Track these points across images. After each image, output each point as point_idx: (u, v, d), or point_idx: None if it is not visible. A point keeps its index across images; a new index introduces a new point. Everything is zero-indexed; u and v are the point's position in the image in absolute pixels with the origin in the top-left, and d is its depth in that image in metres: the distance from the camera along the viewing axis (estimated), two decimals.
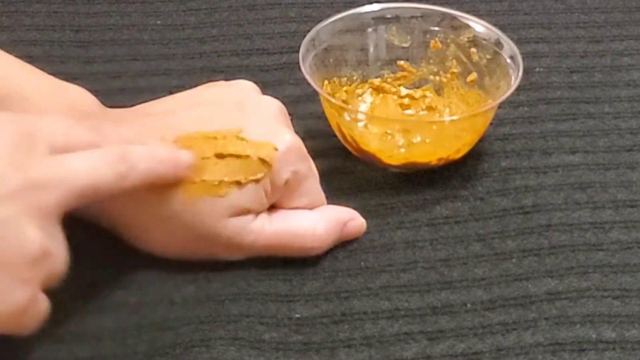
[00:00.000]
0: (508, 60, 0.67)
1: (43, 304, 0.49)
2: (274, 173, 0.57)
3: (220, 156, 0.57)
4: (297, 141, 0.59)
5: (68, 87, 0.61)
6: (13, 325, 0.48)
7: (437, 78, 0.71)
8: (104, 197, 0.52)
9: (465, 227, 0.62)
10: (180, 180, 0.56)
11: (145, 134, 0.57)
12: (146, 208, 0.56)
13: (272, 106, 0.60)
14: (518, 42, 0.68)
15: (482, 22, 0.69)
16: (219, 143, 0.57)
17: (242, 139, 0.57)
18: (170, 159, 0.55)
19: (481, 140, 0.67)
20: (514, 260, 0.60)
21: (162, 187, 0.56)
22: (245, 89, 0.62)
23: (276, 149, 0.57)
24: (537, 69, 0.75)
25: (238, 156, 0.57)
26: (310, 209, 0.60)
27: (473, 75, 0.69)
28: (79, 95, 0.60)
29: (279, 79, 0.74)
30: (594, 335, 0.56)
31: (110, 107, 0.62)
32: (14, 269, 0.47)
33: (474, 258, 0.60)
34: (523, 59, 0.66)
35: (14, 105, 0.57)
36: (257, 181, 0.57)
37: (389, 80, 0.71)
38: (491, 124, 0.67)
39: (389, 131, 0.65)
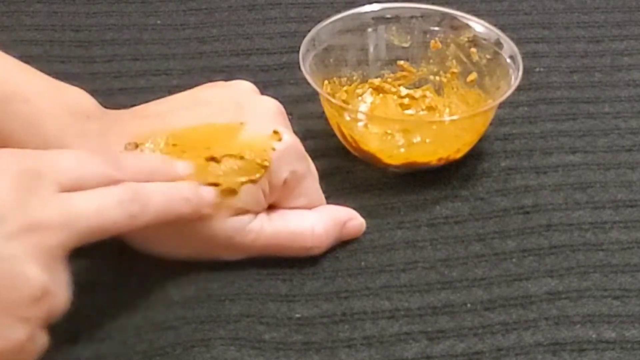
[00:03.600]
0: (508, 60, 0.67)
1: (41, 341, 0.49)
2: (272, 173, 0.57)
3: (216, 160, 0.57)
4: (295, 141, 0.59)
5: (67, 89, 0.61)
6: None
7: (437, 78, 0.71)
8: (114, 234, 0.51)
9: (465, 227, 0.62)
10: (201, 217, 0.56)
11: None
12: None
13: (271, 106, 0.60)
14: (518, 42, 0.68)
15: (482, 22, 0.69)
16: (215, 149, 0.57)
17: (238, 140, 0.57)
18: (190, 198, 0.55)
19: (481, 140, 0.67)
20: (514, 260, 0.60)
21: None
22: (243, 89, 0.62)
23: (274, 149, 0.57)
24: (537, 69, 0.75)
25: (234, 157, 0.57)
26: (310, 208, 0.60)
27: (473, 75, 0.69)
28: (77, 97, 0.60)
29: (279, 79, 0.74)
30: (594, 335, 0.56)
31: (110, 107, 0.62)
32: (14, 308, 0.46)
33: (474, 258, 0.60)
34: (523, 59, 0.66)
35: (13, 106, 0.57)
36: (254, 181, 0.57)
37: (389, 80, 0.71)
38: (491, 124, 0.67)
39: (389, 131, 0.65)
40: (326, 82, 0.68)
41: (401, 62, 0.71)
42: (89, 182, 0.50)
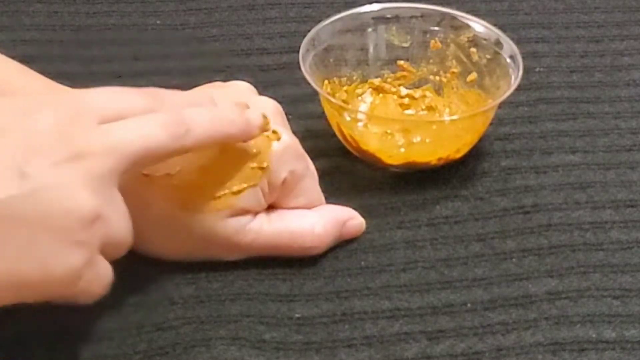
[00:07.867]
0: (508, 60, 0.67)
1: (103, 270, 0.49)
2: (271, 173, 0.57)
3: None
4: (294, 141, 0.59)
5: (66, 90, 0.60)
6: (71, 290, 0.48)
7: (437, 78, 0.71)
8: (163, 159, 0.52)
9: (465, 227, 0.62)
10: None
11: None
12: (145, 210, 0.56)
13: (269, 106, 0.60)
14: (518, 42, 0.68)
15: (482, 22, 0.69)
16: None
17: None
18: (235, 120, 0.55)
19: (481, 140, 0.67)
20: (514, 260, 0.60)
21: (160, 190, 0.56)
22: (241, 89, 0.62)
23: (272, 149, 0.57)
24: (537, 69, 0.75)
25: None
26: (309, 208, 0.60)
27: (473, 75, 0.69)
28: None
29: (279, 79, 0.74)
30: (594, 335, 0.56)
31: None
32: (67, 233, 0.46)
33: (474, 258, 0.60)
34: (523, 59, 0.66)
35: None
36: (255, 186, 0.57)
37: (389, 80, 0.71)
38: (491, 124, 0.67)
39: (389, 131, 0.65)
40: (326, 82, 0.68)
41: (401, 62, 0.71)
42: (128, 113, 0.50)
